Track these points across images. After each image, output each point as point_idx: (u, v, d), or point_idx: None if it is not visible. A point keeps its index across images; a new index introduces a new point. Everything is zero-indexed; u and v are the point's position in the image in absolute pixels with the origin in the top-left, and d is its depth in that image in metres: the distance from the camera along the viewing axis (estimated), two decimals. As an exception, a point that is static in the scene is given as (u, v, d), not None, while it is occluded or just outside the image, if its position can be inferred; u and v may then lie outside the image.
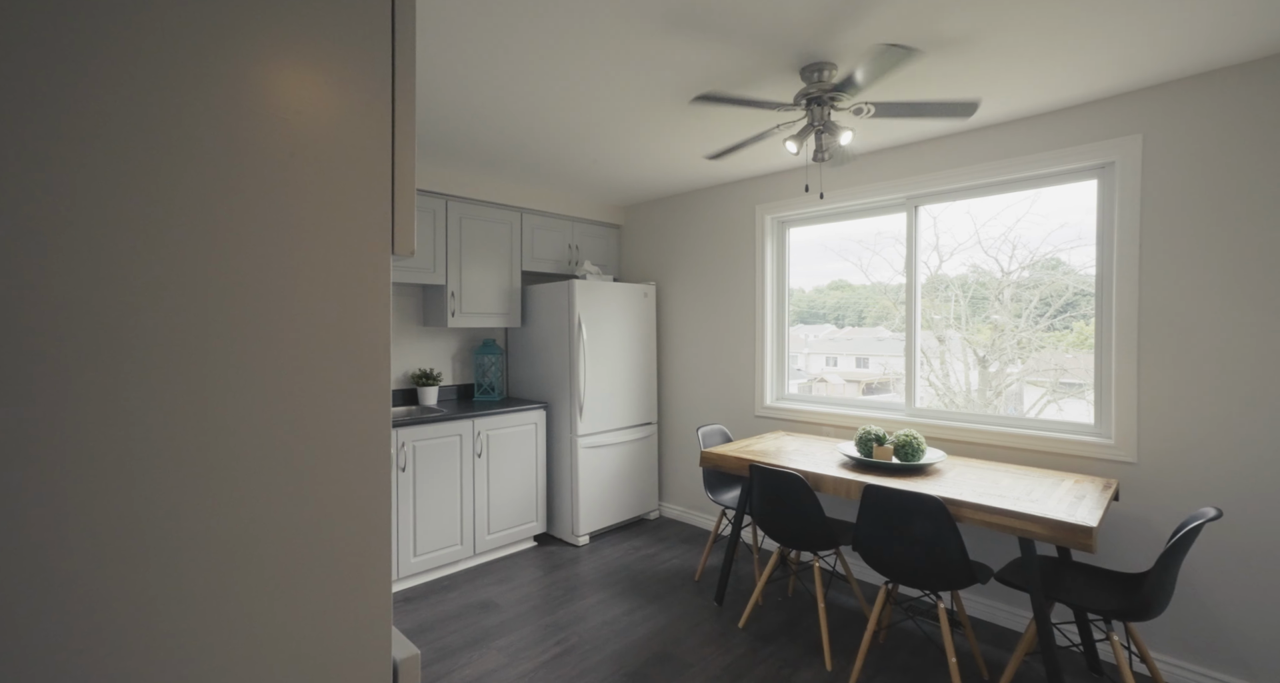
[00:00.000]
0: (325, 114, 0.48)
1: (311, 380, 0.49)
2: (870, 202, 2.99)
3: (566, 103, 2.31)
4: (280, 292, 0.47)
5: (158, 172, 0.43)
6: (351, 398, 0.51)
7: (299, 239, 0.47)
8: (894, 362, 2.97)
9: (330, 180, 0.48)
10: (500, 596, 2.80)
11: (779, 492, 2.29)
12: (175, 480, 0.45)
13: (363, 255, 0.49)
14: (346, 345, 0.50)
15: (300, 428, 0.49)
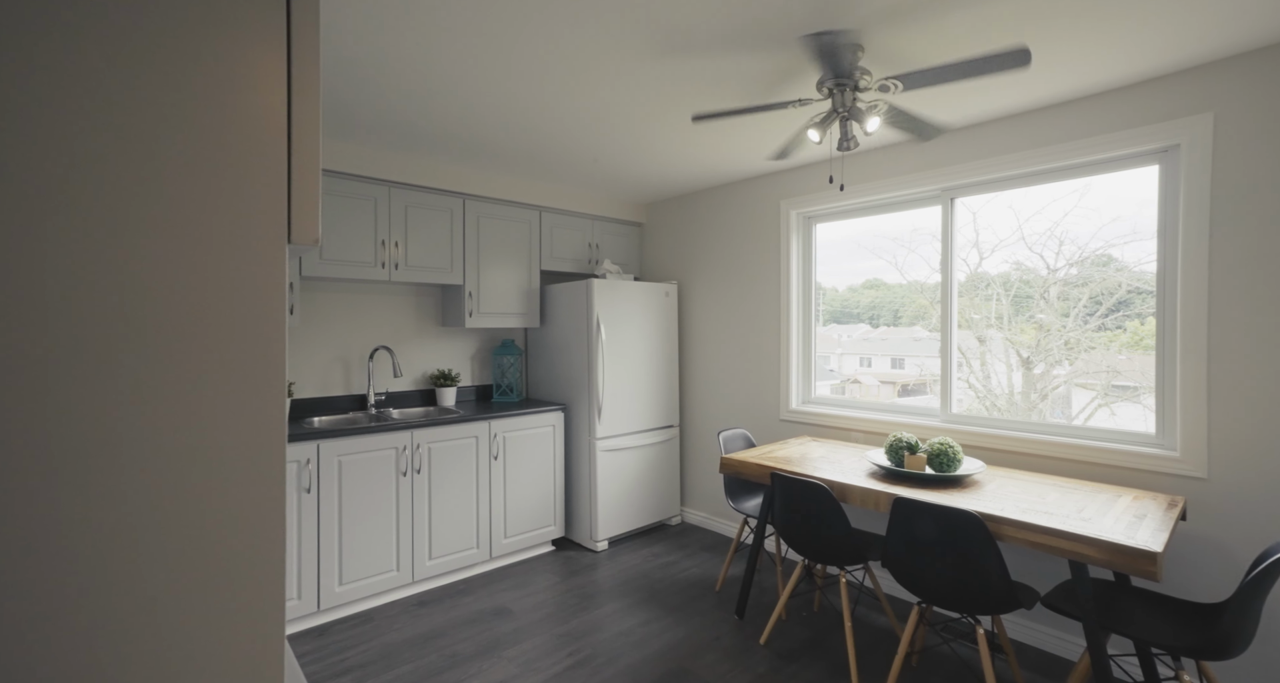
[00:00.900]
0: (196, 85, 0.40)
1: (175, 386, 0.41)
2: (902, 195, 2.82)
3: (583, 97, 2.23)
4: (141, 288, 0.39)
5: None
6: (228, 407, 0.43)
7: (163, 228, 0.39)
8: (930, 363, 2.81)
9: (200, 161, 0.41)
10: (515, 602, 2.74)
11: (802, 502, 2.15)
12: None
13: (248, 247, 0.41)
14: (216, 348, 0.42)
15: (159, 439, 0.41)
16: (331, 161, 2.74)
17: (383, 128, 2.58)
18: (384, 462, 2.67)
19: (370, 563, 2.63)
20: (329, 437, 2.49)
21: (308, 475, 2.44)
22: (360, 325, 3.16)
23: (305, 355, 2.97)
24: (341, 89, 2.18)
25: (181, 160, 0.41)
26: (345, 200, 2.81)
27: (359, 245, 2.85)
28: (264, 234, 0.42)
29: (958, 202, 2.68)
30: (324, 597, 2.49)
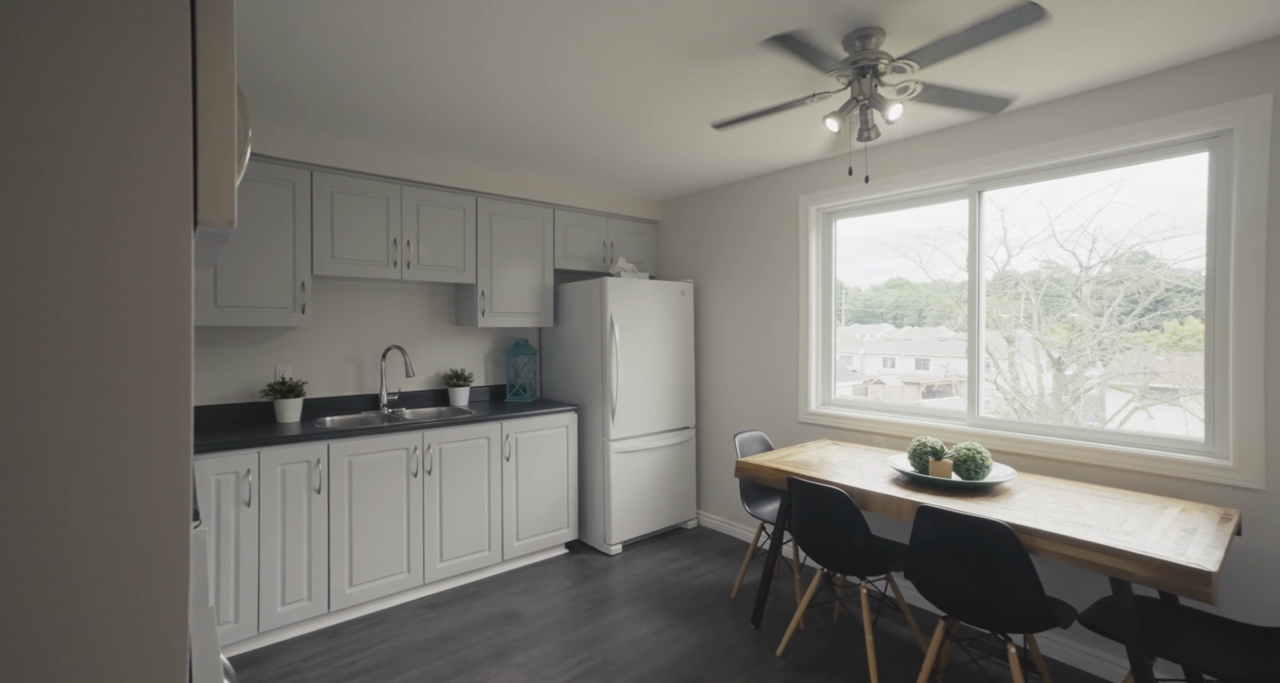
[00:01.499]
0: (87, 49, 0.35)
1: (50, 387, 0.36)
2: (926, 188, 2.69)
3: (594, 91, 2.17)
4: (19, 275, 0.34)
5: None
6: (119, 409, 0.38)
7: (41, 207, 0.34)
8: (956, 363, 2.70)
9: (85, 129, 0.35)
10: (526, 606, 2.69)
11: (820, 509, 2.06)
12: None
13: (143, 229, 0.35)
14: (91, 342, 0.37)
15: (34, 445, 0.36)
16: (342, 159, 2.72)
17: (392, 124, 2.56)
18: (394, 462, 2.65)
19: (381, 565, 2.61)
20: (339, 437, 2.48)
21: (318, 476, 2.43)
22: (373, 325, 3.15)
23: (317, 355, 2.96)
24: (348, 84, 2.15)
25: (62, 138, 0.36)
26: (356, 198, 2.79)
27: (371, 244, 2.84)
28: (165, 217, 0.36)
29: (986, 195, 2.55)
30: (334, 598, 2.48)
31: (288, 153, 2.58)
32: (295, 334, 2.90)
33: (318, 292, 2.96)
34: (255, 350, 2.78)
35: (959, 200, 2.64)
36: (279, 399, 2.68)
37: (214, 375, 2.67)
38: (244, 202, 2.49)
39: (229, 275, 2.45)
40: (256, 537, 2.28)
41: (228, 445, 2.21)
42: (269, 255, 2.55)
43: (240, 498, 2.25)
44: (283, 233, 2.59)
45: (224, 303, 2.45)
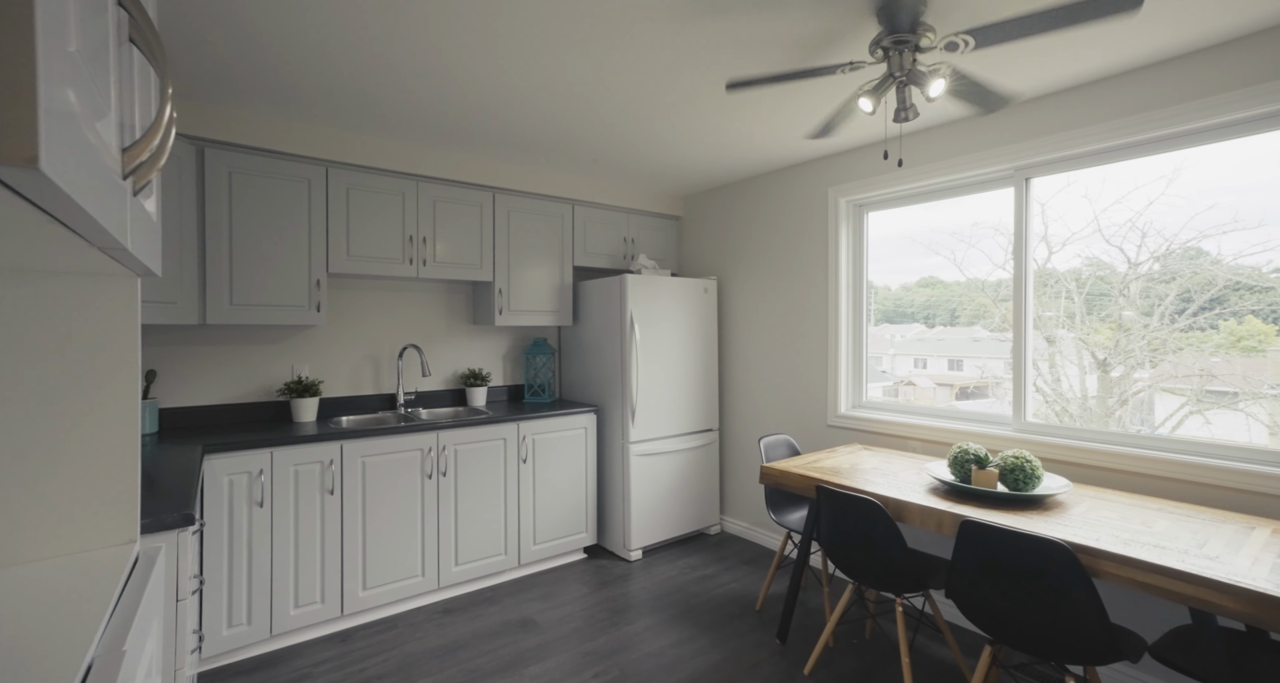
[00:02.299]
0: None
1: None
2: (967, 176, 2.51)
3: (612, 77, 2.07)
4: None
5: None
6: None
7: None
8: (993, 364, 2.55)
9: None
10: (542, 613, 2.61)
11: (852, 520, 1.91)
12: None
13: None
14: None
15: None
16: (358, 155, 2.68)
17: (408, 118, 2.50)
18: (409, 463, 2.59)
19: (395, 568, 2.55)
20: (352, 437, 2.43)
21: (331, 477, 2.38)
22: (389, 324, 3.11)
23: (334, 354, 2.93)
24: (361, 77, 2.10)
25: None
26: (372, 195, 2.75)
27: (387, 241, 2.79)
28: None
29: (1034, 182, 2.36)
30: (348, 602, 2.43)
31: (303, 149, 2.55)
32: (312, 333, 2.88)
33: (333, 290, 2.93)
34: (272, 349, 2.76)
35: (1002, 189, 2.46)
36: (295, 398, 2.66)
37: (230, 374, 2.66)
38: (258, 198, 2.46)
39: (244, 273, 2.43)
40: (269, 538, 2.25)
41: (240, 445, 2.18)
42: (283, 253, 2.52)
43: (253, 499, 2.21)
44: (298, 230, 2.55)
45: (239, 301, 2.43)
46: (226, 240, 2.39)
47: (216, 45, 1.89)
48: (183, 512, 1.32)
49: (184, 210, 2.27)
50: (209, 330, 2.61)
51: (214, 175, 2.36)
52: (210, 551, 2.13)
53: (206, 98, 2.28)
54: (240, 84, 2.16)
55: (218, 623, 2.14)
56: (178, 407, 2.52)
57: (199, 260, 2.34)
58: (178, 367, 2.53)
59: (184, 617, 1.32)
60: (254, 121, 2.43)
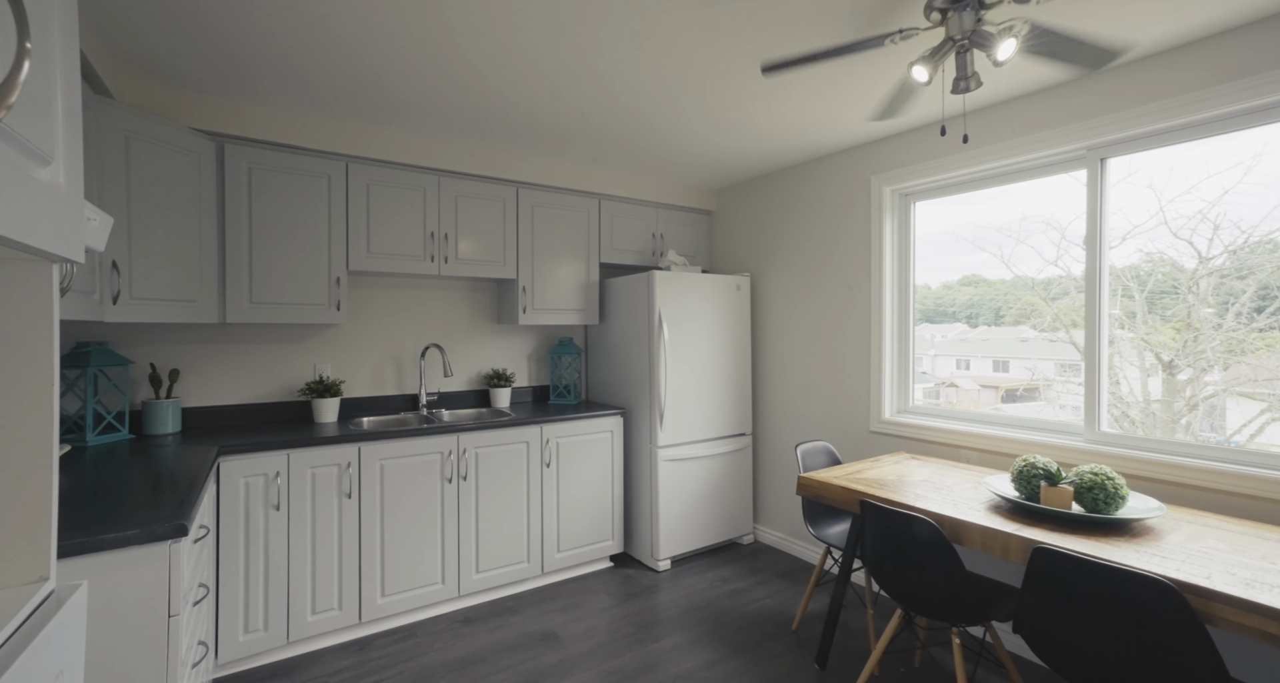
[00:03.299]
0: None
1: None
2: (1032, 158, 2.27)
3: (641, 60, 1.93)
4: None
5: None
6: None
7: None
8: (1043, 366, 2.40)
9: None
10: (564, 626, 2.49)
11: (901, 540, 1.72)
12: None
13: None
14: None
15: None
16: (377, 150, 2.62)
17: (429, 111, 2.42)
18: (428, 467, 2.51)
19: (414, 575, 2.47)
20: (370, 439, 2.36)
21: (348, 480, 2.32)
22: (412, 323, 3.04)
23: (355, 353, 2.88)
24: (382, 69, 2.01)
25: None
26: (393, 190, 2.68)
27: (408, 238, 2.72)
28: None
29: (1111, 164, 2.11)
30: (366, 609, 2.36)
31: (323, 144, 2.50)
32: (334, 332, 2.83)
33: (354, 288, 2.88)
34: (294, 348, 2.72)
35: (1073, 171, 2.21)
36: (315, 399, 2.61)
37: (252, 373, 2.63)
38: (278, 195, 2.41)
39: (263, 271, 2.39)
40: (286, 542, 2.19)
41: (256, 447, 2.13)
42: (303, 250, 2.47)
43: (269, 502, 2.16)
44: (317, 227, 2.50)
45: (258, 299, 2.38)
46: (246, 238, 2.35)
47: (235, 38, 1.84)
48: (175, 522, 1.24)
49: (203, 207, 2.24)
50: (230, 329, 2.58)
51: (233, 171, 2.32)
52: (226, 554, 2.08)
53: (226, 92, 2.24)
54: (260, 78, 2.11)
55: (234, 629, 2.09)
56: (200, 406, 2.50)
57: (219, 258, 2.31)
58: (200, 366, 2.51)
59: (178, 632, 1.24)
60: (273, 116, 2.39)
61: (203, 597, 1.55)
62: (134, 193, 1.99)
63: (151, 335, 2.42)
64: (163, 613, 1.22)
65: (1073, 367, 2.28)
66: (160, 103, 2.18)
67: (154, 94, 2.17)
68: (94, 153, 1.83)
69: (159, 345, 2.43)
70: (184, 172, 2.16)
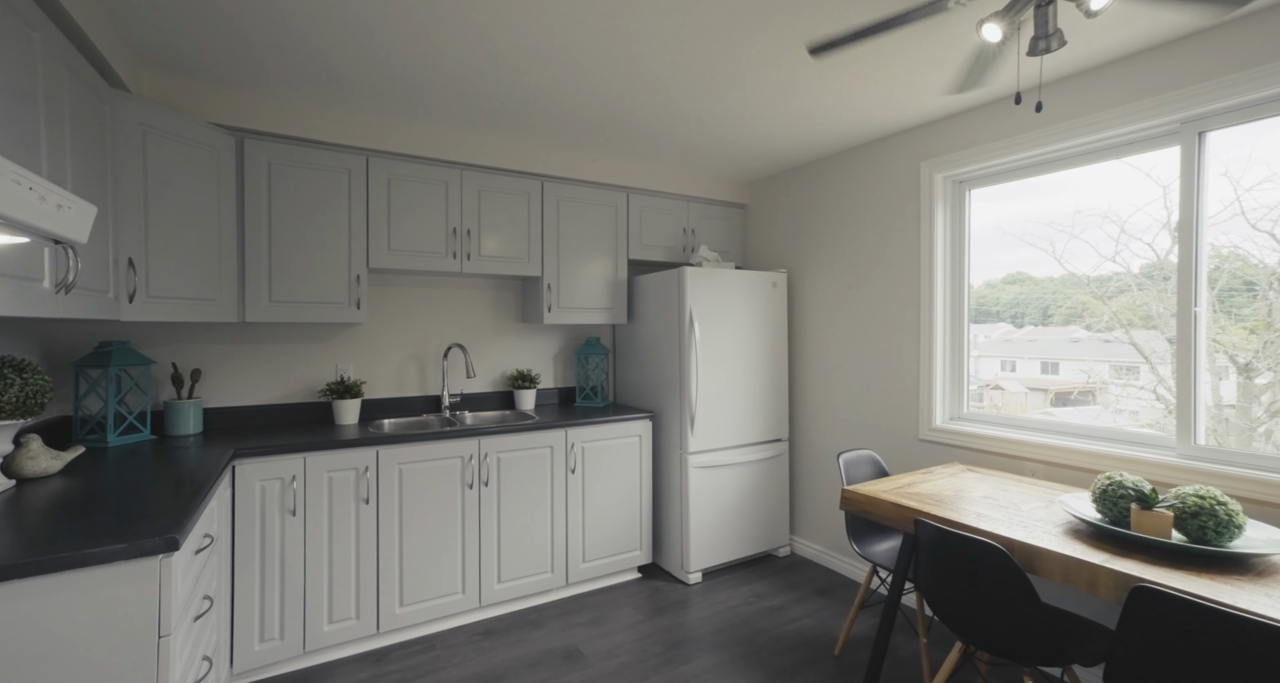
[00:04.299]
0: None
1: None
2: (1113, 135, 2.03)
3: (671, 43, 1.78)
4: None
5: None
6: None
7: None
8: (1098, 368, 2.25)
9: None
10: (589, 642, 2.35)
11: (963, 566, 1.52)
12: None
13: None
14: None
15: None
16: (398, 143, 2.54)
17: (449, 102, 2.32)
18: (448, 472, 2.41)
19: (433, 584, 2.38)
20: (388, 443, 2.27)
21: (366, 485, 2.24)
22: (434, 322, 2.96)
23: (377, 353, 2.81)
24: (402, 58, 1.92)
25: None
26: (414, 185, 2.60)
27: (429, 234, 2.63)
28: None
29: (1211, 138, 1.85)
30: (383, 618, 2.27)
31: (342, 138, 2.43)
32: (355, 331, 2.77)
33: (375, 287, 2.81)
34: (315, 348, 2.67)
35: (1163, 149, 1.96)
36: (336, 400, 2.54)
37: (274, 373, 2.58)
38: (297, 190, 2.35)
39: (282, 269, 2.33)
40: (302, 549, 2.12)
41: (271, 450, 2.06)
42: (322, 247, 2.41)
43: (285, 507, 2.09)
44: (337, 223, 2.43)
45: (278, 298, 2.33)
46: (265, 235, 2.30)
47: (253, 29, 1.77)
48: (167, 536, 1.15)
49: (223, 204, 2.19)
50: (252, 328, 2.54)
51: (253, 166, 2.27)
52: (241, 561, 2.02)
53: (245, 86, 2.18)
54: (278, 70, 2.05)
55: (249, 638, 2.03)
56: (222, 406, 2.47)
57: (238, 256, 2.26)
58: (221, 366, 2.48)
59: (169, 654, 1.15)
60: (293, 109, 2.33)
61: (206, 609, 1.47)
62: (151, 189, 1.95)
63: (173, 335, 2.39)
64: (152, 634, 1.13)
65: (1130, 369, 2.15)
66: (180, 97, 2.14)
67: (173, 88, 2.13)
68: (109, 147, 1.78)
69: (181, 345, 2.40)
70: (203, 167, 2.11)
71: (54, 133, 1.41)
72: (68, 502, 1.37)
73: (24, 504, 1.35)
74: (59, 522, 1.22)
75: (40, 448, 1.62)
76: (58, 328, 2.16)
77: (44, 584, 1.04)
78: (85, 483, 1.54)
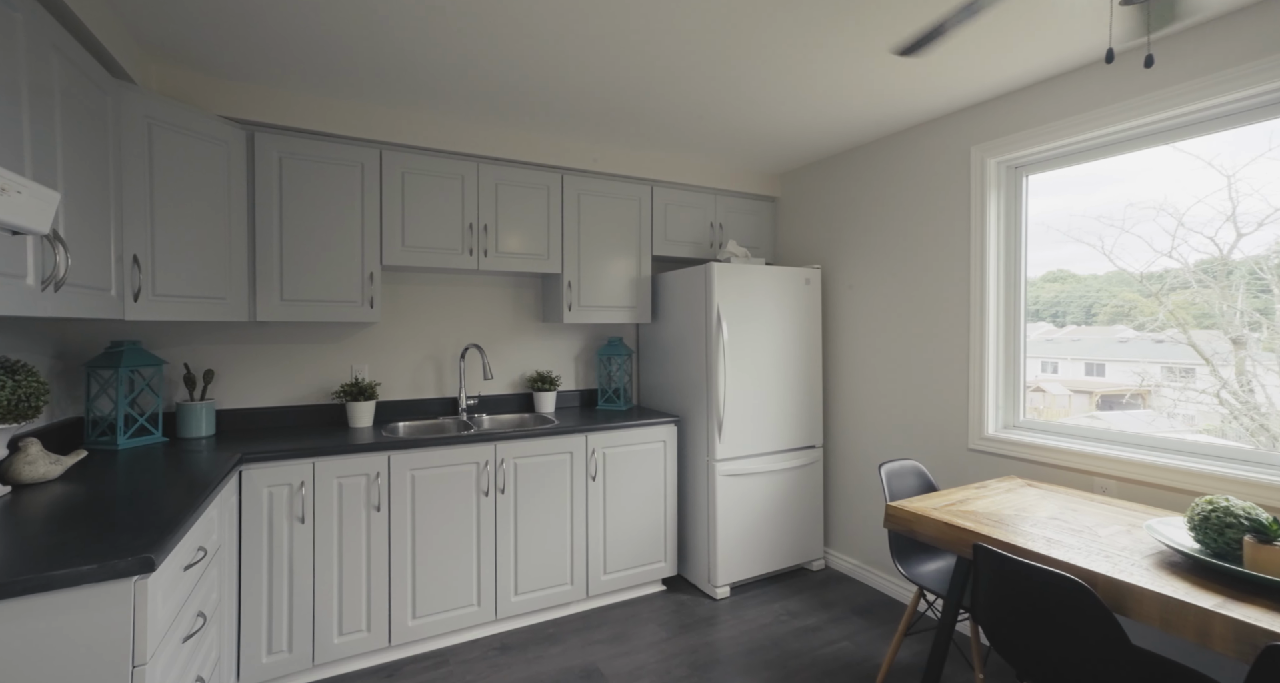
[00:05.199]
0: None
1: None
2: (1212, 106, 1.78)
3: (709, 27, 1.62)
4: None
5: None
6: None
7: None
8: (1150, 369, 2.12)
9: None
10: (610, 661, 2.21)
11: (1034, 601, 1.32)
12: None
13: None
14: None
15: None
16: (412, 136, 2.44)
17: (466, 91, 2.21)
18: (463, 478, 2.30)
19: (447, 595, 2.27)
20: (400, 448, 2.17)
21: (377, 491, 2.14)
22: (451, 321, 2.86)
23: (393, 354, 2.73)
24: (414, 43, 1.81)
25: None
26: (429, 179, 2.50)
27: (445, 230, 2.53)
28: None
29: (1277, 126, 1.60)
30: (395, 631, 2.18)
31: (356, 130, 2.34)
32: (370, 331, 2.69)
33: (389, 285, 2.72)
34: (331, 348, 2.60)
35: (1256, 124, 1.71)
36: (350, 402, 2.46)
37: (288, 374, 2.51)
38: (309, 185, 2.27)
39: (294, 267, 2.25)
40: (311, 558, 2.04)
41: (279, 455, 1.98)
42: (335, 244, 2.32)
43: (294, 514, 2.01)
44: (350, 219, 2.35)
45: (289, 297, 2.25)
46: (277, 231, 2.22)
47: (262, 17, 1.68)
48: (141, 555, 1.05)
49: (233, 199, 2.12)
50: (265, 328, 2.48)
51: (264, 161, 2.20)
52: (249, 570, 1.94)
53: (254, 78, 2.11)
54: (289, 61, 1.96)
55: (256, 650, 1.95)
56: (235, 408, 2.41)
57: (249, 253, 2.19)
58: (234, 366, 2.42)
59: None
60: (304, 101, 2.25)
61: (199, 628, 1.37)
62: (157, 184, 1.88)
63: (186, 334, 2.34)
64: (125, 664, 1.03)
65: (1186, 370, 2.02)
66: (189, 90, 2.08)
67: (182, 81, 2.07)
68: (111, 141, 1.72)
69: (194, 345, 2.35)
70: (212, 161, 2.04)
71: (40, 124, 1.33)
72: (57, 512, 1.29)
73: (16, 513, 1.28)
74: (40, 536, 1.14)
75: (39, 452, 1.55)
76: (70, 327, 2.13)
77: (4, 611, 0.95)
78: (82, 490, 1.47)
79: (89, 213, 1.56)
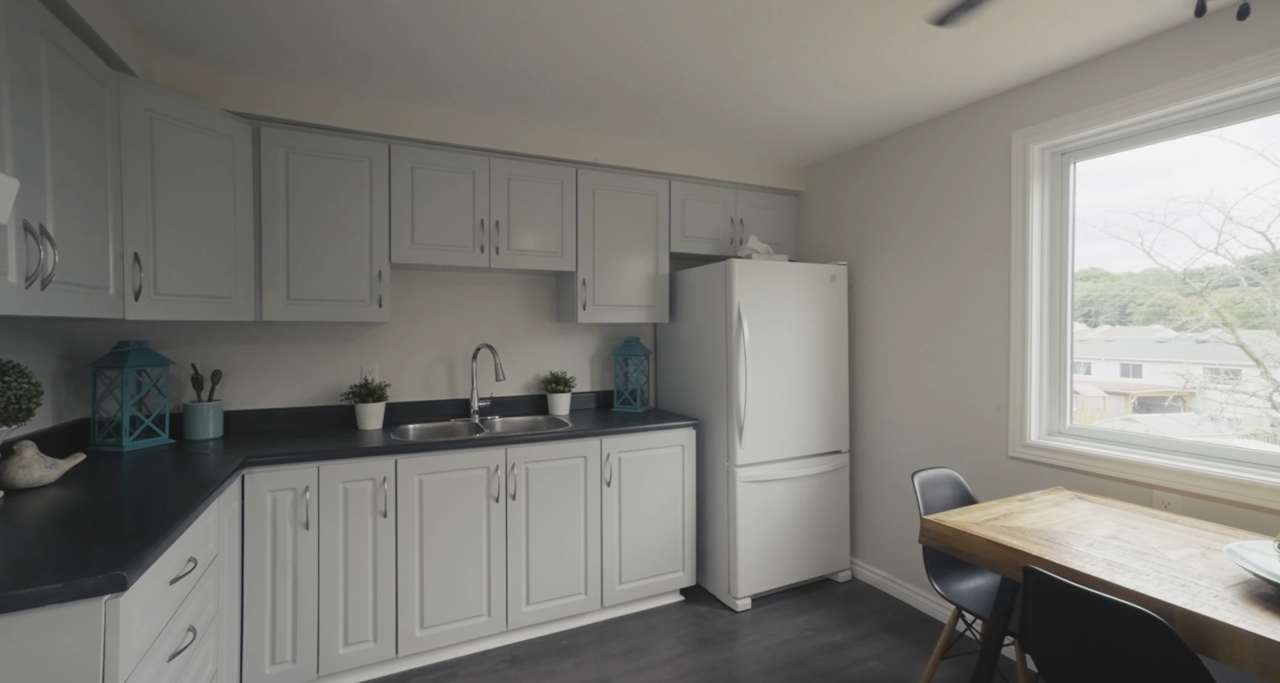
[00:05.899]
0: None
1: None
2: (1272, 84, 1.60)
3: (724, 9, 1.51)
4: None
5: None
6: None
7: None
8: (1193, 370, 2.01)
9: None
10: (624, 677, 2.11)
11: (1097, 633, 1.18)
12: None
13: None
14: None
15: None
16: (419, 129, 2.36)
17: (477, 83, 2.12)
18: (472, 483, 2.22)
19: (456, 605, 2.19)
20: (408, 452, 2.09)
21: (383, 497, 2.06)
22: (463, 321, 2.79)
23: (403, 354, 2.66)
24: (422, 32, 1.72)
25: None
26: (439, 174, 2.42)
27: (455, 227, 2.45)
28: None
29: None
30: (403, 642, 2.10)
31: (364, 124, 2.27)
32: (380, 331, 2.62)
33: (398, 283, 2.65)
34: (340, 348, 2.54)
35: (1347, 99, 1.53)
36: (358, 403, 2.40)
37: (298, 375, 2.46)
38: (316, 181, 2.21)
39: (301, 265, 2.19)
40: (316, 566, 1.97)
41: (282, 459, 1.91)
42: (342, 242, 2.26)
43: (298, 520, 1.94)
44: (358, 216, 2.28)
45: (296, 296, 2.19)
46: (283, 228, 2.17)
47: (269, 12, 1.61)
48: (112, 574, 0.97)
49: (238, 196, 2.06)
50: (272, 328, 2.42)
51: (270, 156, 2.14)
52: (252, 577, 1.88)
53: (260, 71, 2.05)
54: (295, 52, 1.90)
55: (259, 660, 1.89)
56: (243, 409, 2.36)
57: (254, 251, 2.13)
58: (242, 367, 2.37)
59: (122, 710, 0.97)
60: (311, 95, 2.19)
61: (188, 644, 1.30)
62: (159, 179, 1.83)
63: (193, 334, 2.30)
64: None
65: (1230, 372, 1.91)
66: (194, 83, 2.03)
67: (187, 74, 2.02)
68: (110, 135, 1.67)
69: (201, 345, 2.31)
70: (216, 156, 1.99)
71: (25, 116, 1.27)
72: (46, 519, 1.23)
73: (5, 520, 1.22)
74: (23, 546, 1.07)
75: (34, 456, 1.50)
76: (79, 327, 2.10)
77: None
78: (77, 496, 1.41)
79: (83, 208, 1.51)
